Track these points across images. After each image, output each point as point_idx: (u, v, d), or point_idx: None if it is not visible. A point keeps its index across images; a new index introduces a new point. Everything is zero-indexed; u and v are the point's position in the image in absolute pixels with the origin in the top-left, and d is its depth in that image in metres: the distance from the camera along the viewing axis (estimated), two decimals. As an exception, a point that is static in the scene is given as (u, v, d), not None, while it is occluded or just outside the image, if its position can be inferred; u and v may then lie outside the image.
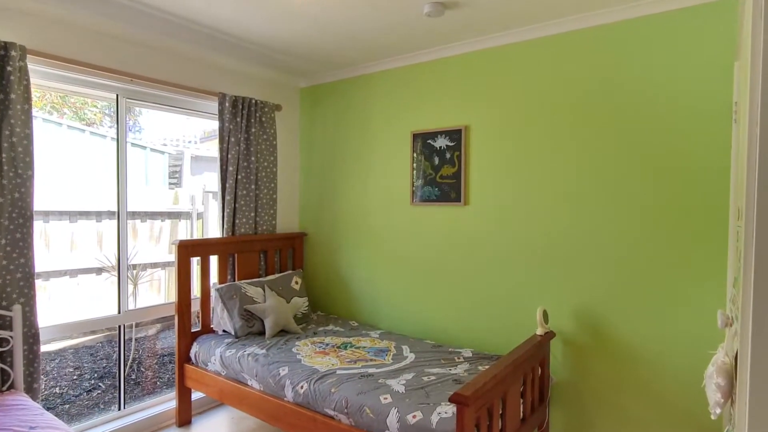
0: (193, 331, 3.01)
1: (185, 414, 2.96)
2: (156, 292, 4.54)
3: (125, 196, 2.81)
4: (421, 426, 1.87)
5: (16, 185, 2.20)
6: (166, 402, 3.06)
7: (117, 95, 2.75)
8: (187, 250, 2.94)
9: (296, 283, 3.38)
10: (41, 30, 2.35)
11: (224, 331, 3.00)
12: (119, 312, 2.81)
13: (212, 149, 3.04)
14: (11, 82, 2.13)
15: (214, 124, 3.16)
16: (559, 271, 2.59)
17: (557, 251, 2.59)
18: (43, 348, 3.76)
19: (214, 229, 3.23)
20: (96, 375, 3.69)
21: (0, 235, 2.17)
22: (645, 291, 2.33)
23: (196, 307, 3.09)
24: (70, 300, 4.08)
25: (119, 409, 2.89)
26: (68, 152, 4.20)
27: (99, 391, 3.48)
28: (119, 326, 2.84)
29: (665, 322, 2.28)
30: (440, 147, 3.01)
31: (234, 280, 3.25)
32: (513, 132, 2.74)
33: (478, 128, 2.88)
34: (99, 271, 4.12)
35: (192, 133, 5.70)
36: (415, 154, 3.14)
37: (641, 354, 2.35)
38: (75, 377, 3.62)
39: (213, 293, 3.02)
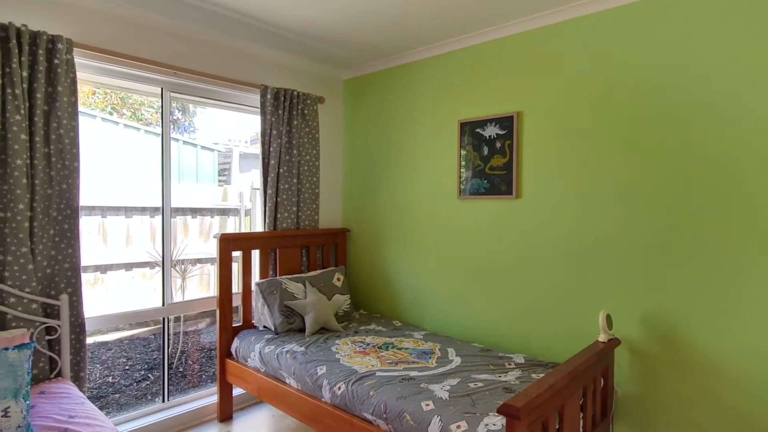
0: (234, 326, 2.99)
1: (226, 409, 2.94)
2: (206, 287, 4.61)
3: (168, 191, 2.82)
4: (466, 438, 1.70)
5: (63, 177, 2.23)
6: (209, 396, 3.06)
7: (162, 89, 2.76)
8: (228, 243, 2.91)
9: (338, 280, 3.28)
10: (87, 23, 2.38)
11: (264, 326, 2.95)
12: (163, 304, 2.83)
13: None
14: (58, 74, 2.17)
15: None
16: (626, 270, 2.31)
17: (623, 248, 2.31)
18: (100, 338, 3.94)
19: (261, 225, 3.27)
20: (146, 366, 3.78)
21: (49, 225, 2.21)
22: (729, 296, 2.01)
23: (238, 301, 3.07)
24: (125, 292, 4.23)
25: (163, 401, 2.91)
26: (124, 150, 4.36)
27: (148, 382, 3.56)
28: (163, 318, 2.86)
29: (753, 334, 1.95)
30: (490, 136, 2.80)
31: (275, 276, 3.20)
32: (571, 117, 2.49)
33: (532, 114, 2.64)
34: (152, 265, 4.24)
35: (247, 134, 5.78)
36: (462, 145, 2.94)
37: (723, 368, 2.03)
38: (127, 367, 3.72)
39: (254, 288, 2.98)
